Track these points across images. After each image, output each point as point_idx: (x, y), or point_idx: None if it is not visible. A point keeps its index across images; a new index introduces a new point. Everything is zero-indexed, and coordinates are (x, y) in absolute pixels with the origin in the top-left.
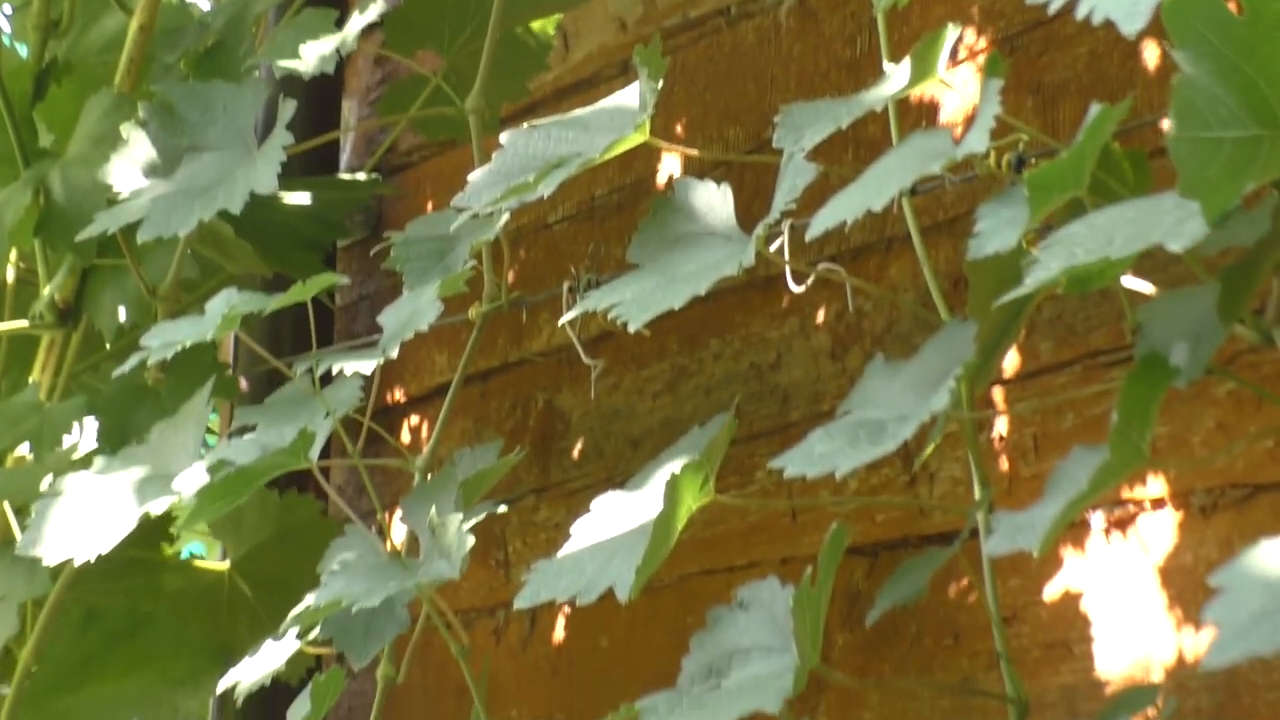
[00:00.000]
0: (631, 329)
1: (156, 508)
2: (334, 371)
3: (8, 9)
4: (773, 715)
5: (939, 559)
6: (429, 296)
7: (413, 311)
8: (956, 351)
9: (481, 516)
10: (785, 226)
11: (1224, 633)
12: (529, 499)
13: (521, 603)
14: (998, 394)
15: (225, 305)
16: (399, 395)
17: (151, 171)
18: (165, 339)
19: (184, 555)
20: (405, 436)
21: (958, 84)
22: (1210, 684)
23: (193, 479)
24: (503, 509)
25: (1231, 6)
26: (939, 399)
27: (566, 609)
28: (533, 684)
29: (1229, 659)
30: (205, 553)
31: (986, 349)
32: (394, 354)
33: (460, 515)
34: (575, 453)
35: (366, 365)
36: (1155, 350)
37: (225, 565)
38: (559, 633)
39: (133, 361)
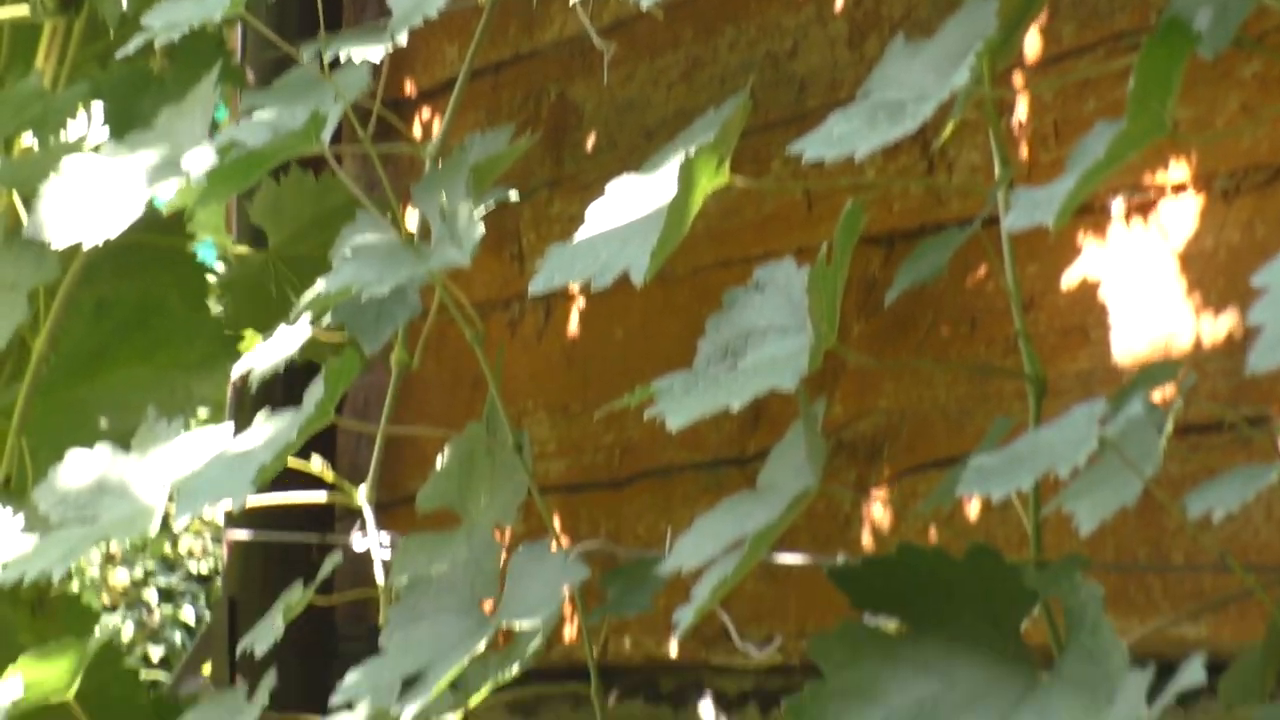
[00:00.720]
0: (644, 5)
1: (164, 191)
2: (342, 57)
3: None
4: (789, 394)
5: (959, 238)
6: None
7: None
8: (978, 27)
9: (493, 203)
10: None
11: (1269, 333)
12: (542, 192)
13: (536, 287)
14: (1018, 79)
15: None
16: (409, 89)
17: None
18: (169, 19)
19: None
20: (417, 131)
21: None
22: (1228, 368)
23: (201, 159)
24: (515, 196)
25: None
26: (960, 75)
27: (581, 301)
28: (547, 375)
29: (1276, 361)
30: (215, 251)
31: (1009, 24)
32: (403, 40)
33: (471, 201)
34: (589, 145)
35: (375, 51)
36: (1178, 15)
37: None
38: (574, 324)
39: (137, 41)
